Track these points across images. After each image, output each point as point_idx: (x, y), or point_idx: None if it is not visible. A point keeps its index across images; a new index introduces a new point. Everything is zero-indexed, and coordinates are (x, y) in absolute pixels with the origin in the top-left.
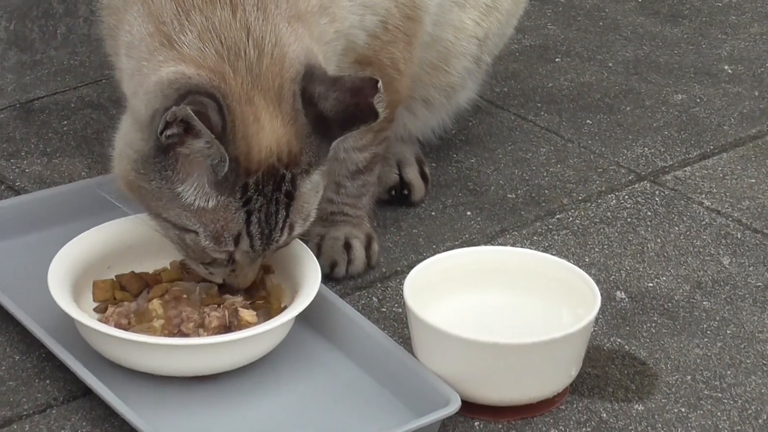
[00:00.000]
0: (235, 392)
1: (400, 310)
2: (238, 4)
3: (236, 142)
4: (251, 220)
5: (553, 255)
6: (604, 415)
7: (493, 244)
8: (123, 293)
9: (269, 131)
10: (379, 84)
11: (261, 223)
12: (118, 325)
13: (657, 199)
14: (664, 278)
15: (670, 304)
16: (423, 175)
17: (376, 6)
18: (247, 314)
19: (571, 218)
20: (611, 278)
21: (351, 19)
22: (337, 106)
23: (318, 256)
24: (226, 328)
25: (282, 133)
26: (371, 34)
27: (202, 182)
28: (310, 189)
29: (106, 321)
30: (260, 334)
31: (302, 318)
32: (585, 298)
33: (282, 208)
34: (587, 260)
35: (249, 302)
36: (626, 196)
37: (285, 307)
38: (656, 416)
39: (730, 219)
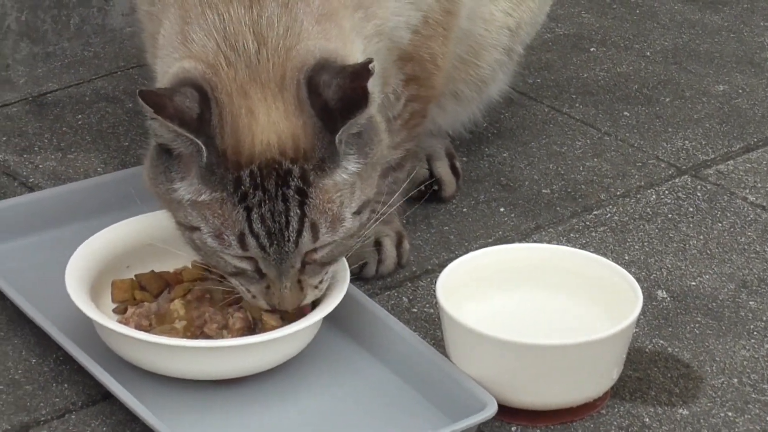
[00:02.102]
0: (261, 396)
1: (432, 310)
2: (256, 1)
3: (224, 134)
4: (252, 217)
5: (591, 253)
6: (647, 419)
7: (527, 242)
8: (143, 293)
9: (266, 124)
10: (372, 65)
11: (266, 221)
12: (139, 327)
13: (699, 194)
14: (708, 277)
15: (714, 304)
16: (454, 170)
17: (421, 2)
18: (272, 316)
19: (609, 214)
20: (652, 277)
21: (395, 20)
22: (338, 93)
23: (347, 255)
24: (251, 330)
25: (284, 126)
26: (413, 30)
27: (194, 178)
28: (333, 188)
29: (126, 322)
30: (287, 336)
31: (330, 319)
32: (626, 297)
33: (295, 206)
34: (626, 258)
35: None
36: (666, 191)
37: (312, 308)
38: (701, 421)
39: None
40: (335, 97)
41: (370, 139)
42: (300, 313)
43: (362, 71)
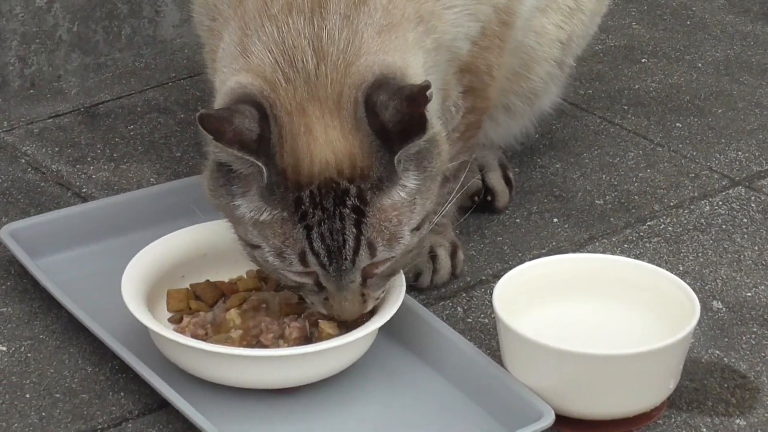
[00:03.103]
0: (316, 406)
1: (487, 320)
2: (318, 12)
3: (283, 153)
4: (312, 236)
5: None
6: (704, 430)
7: (581, 252)
8: (198, 303)
9: (323, 143)
10: (430, 92)
11: (326, 239)
12: (195, 336)
13: (753, 205)
14: (763, 287)
15: None
16: (507, 181)
17: (479, 13)
18: (329, 325)
19: (662, 225)
20: (707, 287)
21: (453, 32)
22: (396, 116)
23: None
24: (307, 340)
25: (342, 145)
26: (472, 41)
27: (255, 196)
28: (391, 207)
29: (182, 331)
30: (343, 346)
31: (386, 329)
32: (682, 306)
33: (351, 225)
34: (681, 269)
35: None
36: (720, 202)
37: (369, 318)
38: (759, 431)
39: None
40: (393, 120)
41: (428, 153)
42: (356, 320)
43: (419, 97)
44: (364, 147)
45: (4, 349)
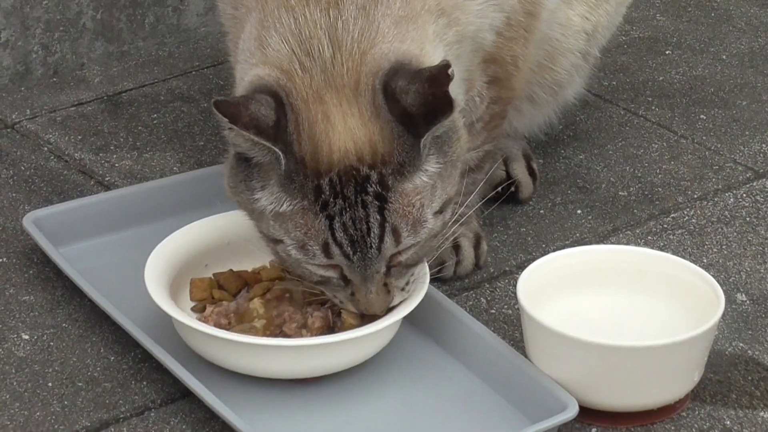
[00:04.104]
0: (339, 396)
1: (510, 311)
2: (334, 3)
3: (301, 141)
4: (334, 226)
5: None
6: (728, 422)
7: (605, 244)
8: (221, 292)
9: (342, 130)
10: (451, 70)
11: (348, 229)
12: (218, 325)
13: None
14: None
15: None
16: (531, 172)
17: (504, 3)
18: (351, 315)
19: (686, 217)
20: (731, 280)
21: (477, 23)
22: (418, 99)
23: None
24: (330, 329)
25: (362, 132)
26: (497, 32)
27: (275, 186)
28: (413, 191)
29: (205, 320)
30: (366, 336)
31: (410, 320)
32: (707, 299)
33: (374, 212)
34: (705, 261)
35: None
36: (744, 195)
37: (392, 308)
38: None
39: None
40: (415, 103)
41: (448, 138)
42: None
43: (440, 76)
44: (385, 133)
45: (27, 337)
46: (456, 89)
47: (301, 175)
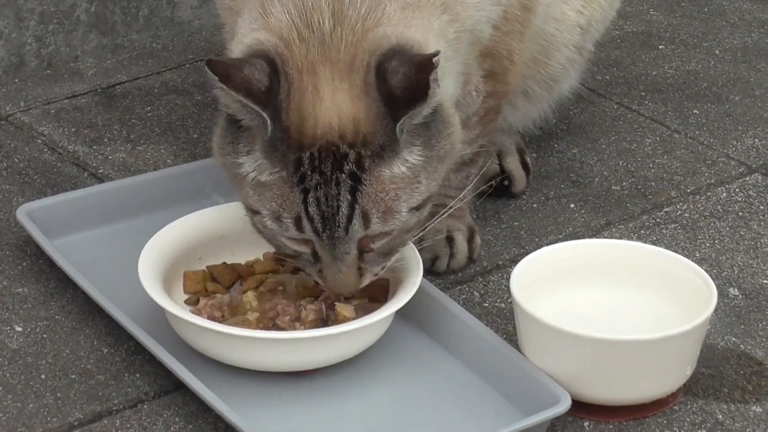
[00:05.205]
0: (333, 389)
1: (503, 305)
2: None
3: (290, 111)
4: (308, 200)
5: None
6: (720, 416)
7: (598, 238)
8: (214, 285)
9: (330, 105)
10: (436, 59)
11: (321, 204)
12: (212, 318)
13: None
14: None
15: None
16: (524, 165)
17: None
18: (345, 308)
19: (679, 212)
20: (723, 274)
21: (476, 17)
22: (404, 82)
23: (418, 249)
24: (323, 322)
25: (348, 109)
26: (493, 26)
27: (258, 153)
28: (390, 179)
29: (198, 313)
30: (359, 329)
31: (403, 313)
32: (700, 293)
33: (346, 191)
34: (697, 255)
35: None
36: (737, 189)
37: (385, 302)
38: None
39: None
40: (400, 86)
41: (438, 132)
42: (372, 305)
43: (427, 63)
44: (370, 113)
45: (20, 329)
46: (453, 83)
47: (284, 145)
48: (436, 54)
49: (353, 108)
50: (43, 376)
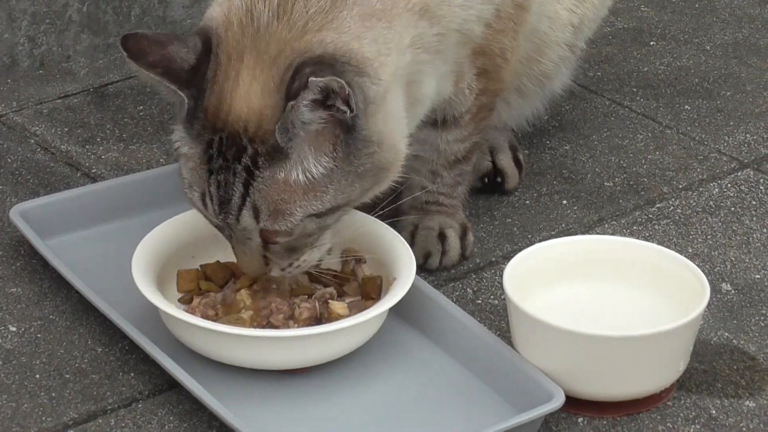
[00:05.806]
0: (326, 386)
1: (497, 301)
2: None
3: (212, 92)
4: (211, 180)
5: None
6: (714, 411)
7: (591, 234)
8: (208, 283)
9: (244, 94)
10: (340, 86)
11: (220, 188)
12: (205, 316)
13: (762, 187)
14: None
15: None
16: (517, 162)
17: None
18: (339, 306)
19: (671, 207)
20: (716, 270)
21: (463, 16)
22: (299, 89)
23: (411, 246)
24: (317, 320)
25: (258, 102)
26: (486, 24)
27: (181, 126)
28: (284, 182)
29: (192, 312)
30: (353, 327)
31: (396, 310)
32: (692, 288)
33: (239, 183)
34: (690, 251)
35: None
36: (729, 185)
37: (378, 299)
38: None
39: None
40: (296, 92)
41: (356, 149)
42: (366, 302)
43: (329, 82)
44: (275, 112)
45: (14, 329)
46: (436, 84)
47: (200, 124)
48: (342, 82)
49: (262, 102)
50: (37, 376)
